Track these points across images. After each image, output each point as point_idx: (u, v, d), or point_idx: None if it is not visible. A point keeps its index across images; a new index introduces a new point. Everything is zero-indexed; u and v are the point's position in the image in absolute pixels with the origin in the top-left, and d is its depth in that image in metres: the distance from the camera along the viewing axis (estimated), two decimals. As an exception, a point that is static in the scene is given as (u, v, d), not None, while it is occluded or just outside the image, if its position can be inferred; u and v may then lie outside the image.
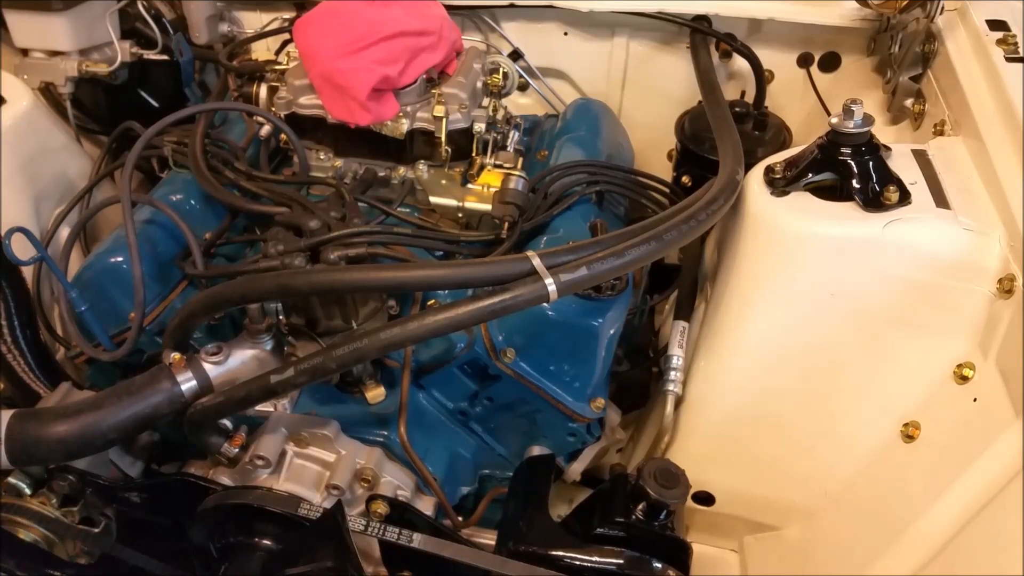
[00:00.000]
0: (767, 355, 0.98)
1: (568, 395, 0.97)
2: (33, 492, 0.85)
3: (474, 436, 1.05)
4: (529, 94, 1.50)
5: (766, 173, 0.95)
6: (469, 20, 1.45)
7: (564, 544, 0.87)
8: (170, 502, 0.92)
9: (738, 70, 1.43)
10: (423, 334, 0.75)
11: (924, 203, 0.88)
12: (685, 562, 0.87)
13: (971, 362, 0.85)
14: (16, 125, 1.18)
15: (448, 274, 0.78)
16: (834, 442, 0.98)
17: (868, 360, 0.94)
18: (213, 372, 0.84)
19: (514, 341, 0.94)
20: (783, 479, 1.03)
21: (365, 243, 0.91)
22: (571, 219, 1.04)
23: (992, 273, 0.84)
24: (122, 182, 0.99)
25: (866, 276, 0.89)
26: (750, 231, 0.95)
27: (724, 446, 1.06)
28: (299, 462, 0.91)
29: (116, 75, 1.36)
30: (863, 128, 0.89)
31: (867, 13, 1.25)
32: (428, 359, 0.97)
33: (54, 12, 1.26)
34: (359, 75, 1.01)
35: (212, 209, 1.09)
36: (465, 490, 1.05)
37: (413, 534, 0.85)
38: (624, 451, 1.24)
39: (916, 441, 0.89)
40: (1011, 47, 0.99)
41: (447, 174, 1.11)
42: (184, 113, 1.08)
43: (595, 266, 0.75)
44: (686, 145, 1.28)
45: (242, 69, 1.20)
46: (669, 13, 1.34)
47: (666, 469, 0.86)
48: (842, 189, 0.90)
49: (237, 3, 1.51)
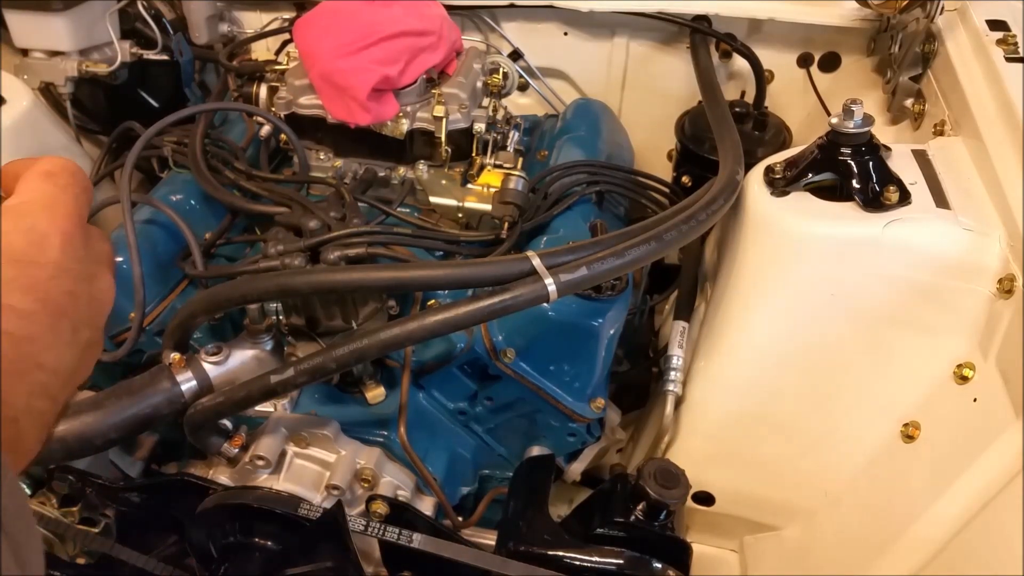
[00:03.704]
0: (767, 355, 0.98)
1: (568, 395, 0.97)
2: (33, 492, 0.85)
3: (474, 436, 1.05)
4: (529, 94, 1.50)
5: (766, 173, 0.95)
6: (469, 20, 1.45)
7: (564, 544, 0.87)
8: (170, 502, 0.92)
9: (738, 70, 1.43)
10: (423, 334, 0.75)
11: (924, 203, 0.88)
12: (685, 562, 0.87)
13: (971, 362, 0.85)
14: (16, 125, 1.17)
15: (448, 274, 0.78)
16: (834, 442, 0.98)
17: (868, 360, 0.94)
18: (213, 372, 0.84)
19: (514, 341, 0.94)
20: (783, 479, 1.03)
21: (365, 243, 0.91)
22: (571, 219, 1.04)
23: (992, 273, 0.84)
24: (122, 182, 0.99)
25: (866, 276, 0.89)
26: (750, 231, 0.95)
27: (724, 446, 1.06)
28: (299, 462, 0.91)
29: (116, 75, 1.36)
30: (863, 128, 0.89)
31: (867, 13, 1.25)
32: (428, 359, 0.97)
33: (54, 12, 1.25)
34: (359, 75, 1.01)
35: (212, 209, 1.09)
36: (465, 490, 1.05)
37: (413, 534, 0.85)
38: (624, 451, 1.24)
39: (916, 441, 0.89)
40: (1011, 47, 0.99)
41: (447, 174, 1.11)
42: (184, 113, 1.08)
43: (595, 266, 0.75)
44: (686, 145, 1.28)
45: (242, 69, 1.19)
46: (669, 13, 1.34)
47: (666, 469, 0.86)
48: (842, 189, 0.90)
49: (237, 3, 1.51)
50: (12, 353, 0.41)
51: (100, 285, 0.51)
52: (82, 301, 0.48)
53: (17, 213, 0.47)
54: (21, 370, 0.42)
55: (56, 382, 0.45)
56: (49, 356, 0.44)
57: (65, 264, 0.46)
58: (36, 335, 0.43)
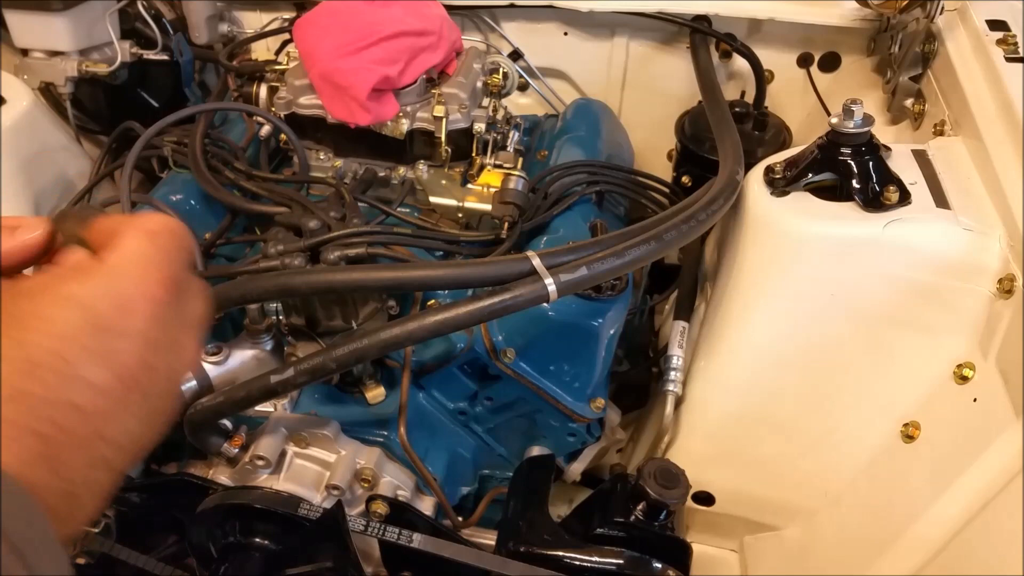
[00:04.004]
0: (767, 355, 0.98)
1: (568, 395, 0.97)
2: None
3: (474, 436, 1.05)
4: (529, 94, 1.50)
5: (766, 173, 0.95)
6: (469, 20, 1.45)
7: (564, 544, 0.87)
8: (170, 502, 0.92)
9: (738, 70, 1.43)
10: (423, 334, 0.75)
11: (924, 203, 0.88)
12: (685, 562, 0.87)
13: (971, 362, 0.85)
14: (16, 125, 1.17)
15: (448, 274, 0.78)
16: (834, 442, 0.98)
17: (868, 360, 0.94)
18: (213, 372, 0.84)
19: (514, 341, 0.94)
20: (783, 479, 1.03)
21: (365, 243, 0.91)
22: (571, 219, 1.04)
23: (992, 273, 0.84)
24: (122, 182, 0.99)
25: (866, 276, 0.89)
26: (750, 231, 0.95)
27: (724, 446, 1.06)
28: (299, 462, 0.91)
29: (116, 75, 1.36)
30: (863, 128, 0.89)
31: (867, 13, 1.25)
32: (428, 359, 0.97)
33: (54, 12, 1.26)
34: (359, 75, 1.01)
35: (212, 209, 1.09)
36: (465, 490, 1.05)
37: (413, 534, 0.86)
38: (624, 451, 1.24)
39: (916, 441, 0.89)
40: (1011, 47, 0.99)
41: (447, 174, 1.11)
42: (184, 113, 1.08)
43: (595, 266, 0.75)
44: (686, 145, 1.28)
45: (242, 69, 1.20)
46: (669, 13, 1.34)
47: (666, 469, 0.86)
48: (842, 189, 0.90)
49: (237, 3, 1.51)
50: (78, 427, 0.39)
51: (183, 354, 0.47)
52: (160, 373, 0.45)
53: (107, 275, 0.44)
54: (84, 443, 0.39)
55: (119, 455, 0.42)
56: (115, 429, 0.41)
57: (149, 334, 0.43)
58: (105, 409, 0.41)
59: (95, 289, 0.42)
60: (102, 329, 0.41)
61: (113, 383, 0.41)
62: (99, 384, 0.40)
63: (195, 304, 0.50)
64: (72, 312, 0.41)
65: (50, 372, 0.39)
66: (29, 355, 0.39)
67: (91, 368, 0.40)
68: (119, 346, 0.42)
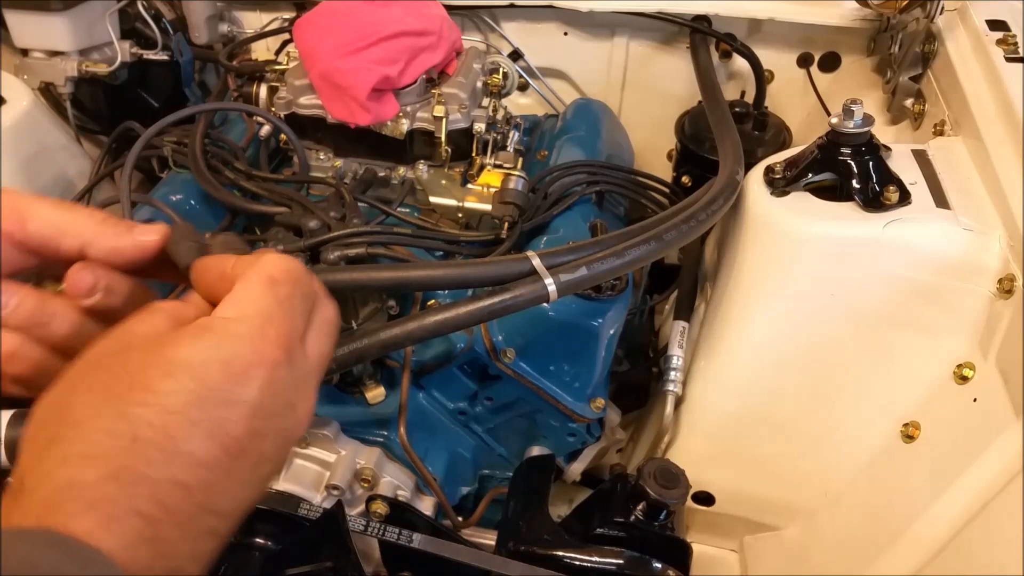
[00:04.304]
0: (767, 355, 0.98)
1: (568, 395, 0.97)
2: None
3: (474, 436, 1.05)
4: (529, 94, 1.50)
5: (766, 173, 0.95)
6: (469, 20, 1.45)
7: (564, 544, 0.87)
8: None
9: (738, 70, 1.43)
10: (423, 334, 0.75)
11: (924, 203, 0.88)
12: (685, 562, 0.87)
13: (971, 362, 0.85)
14: (16, 125, 1.17)
15: (448, 274, 0.78)
16: (834, 442, 0.98)
17: (868, 360, 0.94)
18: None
19: (514, 341, 0.94)
20: (783, 479, 1.03)
21: (365, 243, 0.91)
22: (571, 219, 1.04)
23: (992, 273, 0.84)
24: (122, 182, 0.99)
25: (866, 276, 0.89)
26: (750, 231, 0.95)
27: (724, 446, 1.06)
28: (299, 462, 0.91)
29: (116, 75, 1.36)
30: (863, 128, 0.89)
31: (867, 13, 1.25)
32: (428, 359, 0.97)
33: (54, 12, 1.25)
34: (359, 75, 1.01)
35: (212, 209, 1.09)
36: (465, 490, 1.05)
37: (413, 534, 0.86)
38: (624, 451, 1.24)
39: (916, 441, 0.89)
40: (1011, 47, 0.99)
41: (447, 174, 1.11)
42: (184, 113, 1.08)
43: (595, 266, 0.75)
44: (686, 145, 1.28)
45: (242, 69, 1.19)
46: (669, 13, 1.34)
47: (666, 469, 0.86)
48: (842, 189, 0.90)
49: (237, 3, 1.51)
50: (182, 503, 0.37)
51: (296, 415, 0.44)
52: (270, 439, 0.42)
53: (221, 337, 0.41)
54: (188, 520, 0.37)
55: (225, 523, 0.40)
56: (221, 500, 0.39)
57: (262, 402, 0.41)
58: (210, 482, 0.38)
59: (207, 353, 0.40)
60: (212, 402, 0.39)
61: (219, 455, 0.39)
62: (205, 458, 0.38)
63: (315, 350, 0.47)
64: (181, 383, 0.38)
65: (154, 448, 0.36)
66: (134, 431, 0.36)
67: (197, 442, 0.38)
68: (227, 416, 0.39)
